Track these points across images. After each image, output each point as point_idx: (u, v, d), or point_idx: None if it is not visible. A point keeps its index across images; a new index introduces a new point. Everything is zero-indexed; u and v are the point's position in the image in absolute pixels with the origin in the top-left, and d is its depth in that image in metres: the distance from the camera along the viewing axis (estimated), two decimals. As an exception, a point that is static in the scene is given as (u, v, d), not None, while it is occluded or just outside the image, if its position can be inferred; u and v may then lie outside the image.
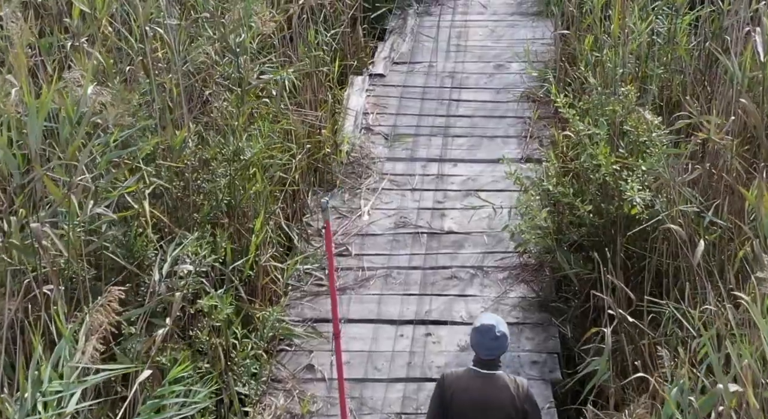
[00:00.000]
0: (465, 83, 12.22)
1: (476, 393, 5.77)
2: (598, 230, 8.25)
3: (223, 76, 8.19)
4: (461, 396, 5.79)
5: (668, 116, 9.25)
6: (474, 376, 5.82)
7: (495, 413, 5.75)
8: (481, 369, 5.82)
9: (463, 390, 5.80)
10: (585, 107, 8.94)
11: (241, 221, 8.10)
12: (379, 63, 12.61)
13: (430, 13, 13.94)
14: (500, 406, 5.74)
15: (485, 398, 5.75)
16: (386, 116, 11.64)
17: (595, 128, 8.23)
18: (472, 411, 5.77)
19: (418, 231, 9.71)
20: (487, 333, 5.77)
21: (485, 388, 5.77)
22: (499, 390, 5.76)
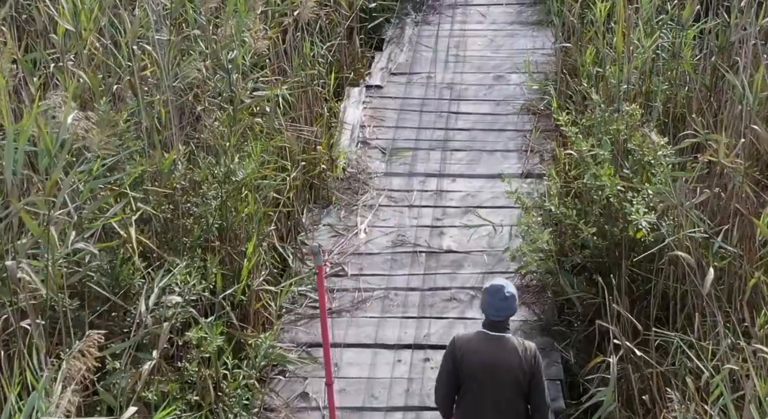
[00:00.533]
0: (464, 95, 11.91)
1: (486, 356, 5.90)
2: (602, 252, 7.94)
3: (214, 94, 7.87)
4: (471, 358, 5.91)
5: (673, 131, 8.95)
6: (484, 338, 5.95)
7: (504, 375, 5.87)
8: (491, 332, 5.96)
9: (473, 352, 5.93)
10: (588, 123, 8.64)
11: (233, 244, 7.78)
12: (376, 74, 12.30)
13: (428, 22, 13.63)
14: (509, 368, 5.86)
15: (494, 360, 5.88)
16: (383, 129, 11.33)
17: (598, 147, 7.92)
18: (482, 373, 5.89)
19: (417, 250, 9.40)
20: (497, 293, 5.91)
21: (495, 350, 5.90)
22: (508, 352, 5.89)
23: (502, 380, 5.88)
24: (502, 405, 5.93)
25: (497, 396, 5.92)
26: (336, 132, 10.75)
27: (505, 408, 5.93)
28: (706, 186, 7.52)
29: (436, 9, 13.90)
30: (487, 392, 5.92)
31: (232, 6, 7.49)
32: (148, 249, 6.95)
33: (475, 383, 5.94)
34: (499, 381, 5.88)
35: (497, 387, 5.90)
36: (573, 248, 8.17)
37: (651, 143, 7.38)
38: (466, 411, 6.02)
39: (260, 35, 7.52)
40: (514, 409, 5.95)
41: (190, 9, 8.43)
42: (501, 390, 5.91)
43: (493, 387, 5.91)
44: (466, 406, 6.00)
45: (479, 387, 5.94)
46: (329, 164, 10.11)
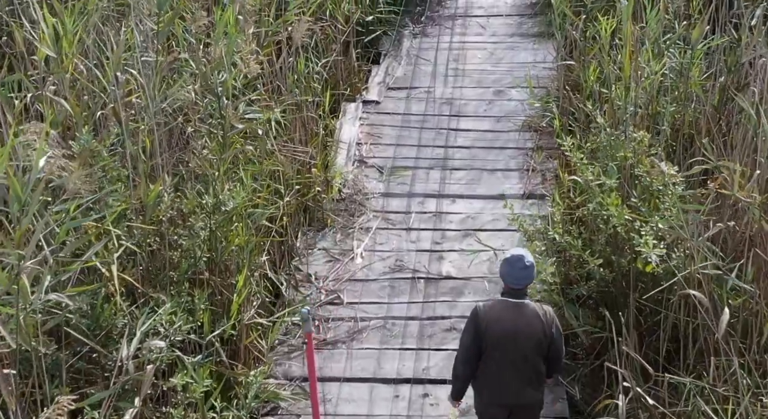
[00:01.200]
0: (463, 111, 11.51)
1: (508, 323, 6.13)
2: (609, 283, 7.55)
3: (203, 119, 7.46)
4: (495, 326, 6.13)
5: (681, 153, 8.57)
6: (505, 307, 6.18)
7: (526, 340, 6.12)
8: (511, 299, 6.18)
9: (496, 320, 6.14)
10: (592, 146, 8.25)
11: (223, 276, 7.38)
12: (373, 88, 11.90)
13: (426, 34, 13.22)
14: (531, 333, 6.12)
15: (517, 326, 6.12)
16: (381, 147, 10.93)
17: (604, 175, 7.53)
18: (506, 339, 6.12)
19: (415, 276, 9.00)
20: (516, 262, 6.14)
21: (516, 317, 6.14)
22: (530, 318, 6.14)
23: (524, 344, 6.13)
24: (522, 367, 6.18)
25: (518, 360, 6.16)
26: (332, 151, 10.35)
27: (526, 370, 6.19)
28: (718, 217, 7.12)
29: (435, 20, 13.50)
30: (509, 356, 6.15)
31: (222, 27, 7.08)
32: (132, 285, 6.55)
33: (497, 350, 6.16)
34: (521, 346, 6.13)
35: (519, 351, 6.15)
36: (578, 278, 7.77)
37: (660, 173, 6.98)
38: (489, 377, 6.24)
39: (251, 58, 7.10)
40: (533, 370, 6.22)
41: (180, 28, 8.05)
42: (522, 353, 6.15)
43: (515, 351, 6.15)
44: (488, 373, 6.22)
45: (502, 354, 6.16)
46: (325, 186, 9.71)
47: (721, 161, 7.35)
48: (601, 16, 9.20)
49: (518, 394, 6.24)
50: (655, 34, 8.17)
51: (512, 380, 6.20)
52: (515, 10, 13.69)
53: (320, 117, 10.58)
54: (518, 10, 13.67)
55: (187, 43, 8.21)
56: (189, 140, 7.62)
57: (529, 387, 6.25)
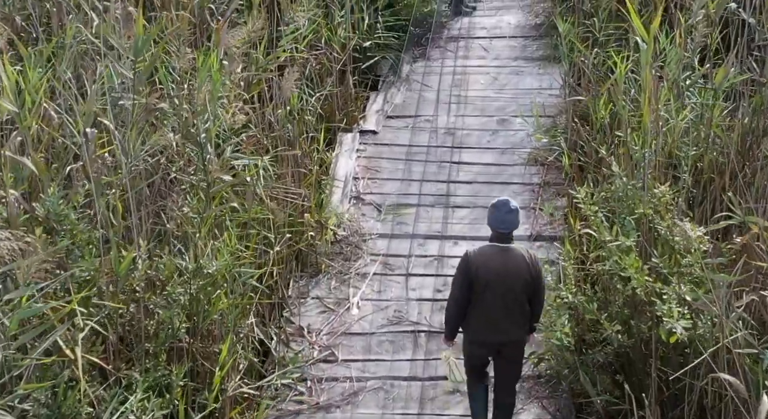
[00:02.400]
0: (466, 142, 10.78)
1: (497, 265, 6.50)
2: (627, 350, 6.84)
3: (184, 170, 6.75)
4: (484, 269, 6.49)
5: (702, 199, 7.87)
6: (494, 251, 6.58)
7: (514, 280, 6.49)
8: (499, 244, 6.58)
9: (485, 263, 6.51)
10: (607, 195, 7.55)
11: (206, 342, 6.67)
12: (371, 117, 11.17)
13: (427, 57, 12.46)
14: (518, 274, 6.49)
15: (505, 268, 6.49)
16: (379, 182, 10.20)
17: (622, 232, 6.83)
18: (495, 281, 6.47)
19: (416, 330, 8.30)
20: (502, 207, 6.59)
21: (505, 260, 6.51)
22: (517, 260, 6.53)
23: (512, 285, 6.49)
24: (511, 307, 6.54)
25: (506, 299, 6.52)
26: (326, 189, 9.63)
27: (513, 309, 6.55)
28: (746, 277, 6.42)
29: (436, 42, 12.75)
30: (498, 296, 6.51)
31: (205, 72, 6.36)
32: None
33: (488, 290, 6.51)
34: (509, 286, 6.49)
35: (508, 291, 6.51)
36: (594, 342, 7.07)
37: (684, 234, 6.28)
38: (478, 316, 6.61)
39: (236, 108, 6.39)
40: (520, 309, 6.58)
41: (162, 69, 7.34)
42: (510, 293, 6.51)
43: (504, 292, 6.50)
44: (479, 313, 6.59)
45: (491, 294, 6.52)
46: (319, 228, 9.00)
47: (748, 215, 6.68)
48: (614, 51, 8.48)
49: (507, 332, 6.61)
50: (674, 75, 7.44)
51: (501, 318, 6.57)
52: (519, 31, 12.96)
53: (315, 151, 9.89)
54: (522, 32, 12.94)
55: (170, 81, 7.52)
56: (168, 194, 6.90)
57: (516, 325, 6.62)
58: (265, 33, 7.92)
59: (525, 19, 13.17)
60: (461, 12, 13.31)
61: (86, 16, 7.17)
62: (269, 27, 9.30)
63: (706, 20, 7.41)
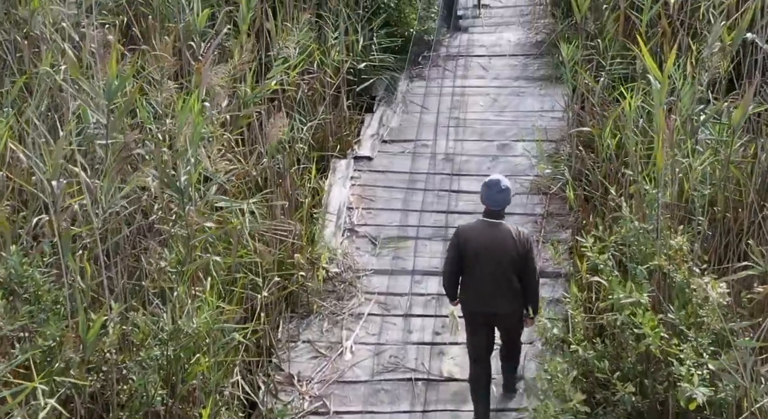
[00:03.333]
0: (465, 168, 10.24)
1: (486, 239, 6.74)
2: (643, 412, 6.30)
3: (164, 217, 6.20)
4: (473, 243, 6.75)
5: (715, 242, 7.34)
6: (484, 226, 6.83)
7: (501, 254, 6.69)
8: (490, 219, 6.81)
9: (474, 237, 6.78)
10: (616, 239, 7.01)
11: (186, 404, 6.12)
12: (366, 142, 10.62)
13: (424, 76, 11.93)
14: (505, 249, 6.70)
15: (493, 242, 6.71)
16: (373, 213, 9.66)
17: (633, 281, 6.30)
18: (483, 254, 6.71)
19: (412, 377, 7.76)
20: (494, 186, 6.79)
21: (493, 235, 6.74)
22: (505, 236, 6.74)
23: (499, 259, 6.70)
24: (499, 280, 6.76)
25: (495, 273, 6.73)
26: (318, 221, 9.08)
27: (501, 283, 6.75)
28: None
29: (434, 61, 12.21)
30: (486, 269, 6.74)
31: (185, 115, 5.81)
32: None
33: (476, 263, 6.75)
34: (497, 260, 6.71)
35: (495, 265, 6.72)
36: (605, 401, 6.52)
37: (703, 291, 5.75)
38: (469, 288, 6.88)
39: (218, 156, 5.85)
40: (508, 284, 6.76)
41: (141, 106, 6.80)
42: (498, 267, 6.72)
43: (492, 265, 6.72)
44: (468, 283, 6.86)
45: (480, 266, 6.75)
46: (310, 267, 8.45)
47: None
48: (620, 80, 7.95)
49: (495, 304, 6.83)
50: (687, 111, 6.89)
51: (489, 291, 6.79)
52: (519, 49, 12.41)
53: (308, 180, 9.36)
54: (522, 50, 12.39)
55: (151, 115, 6.98)
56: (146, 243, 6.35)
57: (504, 298, 6.80)
58: (254, 63, 7.37)
59: (525, 37, 12.63)
60: (458, 27, 12.77)
61: (60, 49, 6.61)
62: (258, 52, 8.78)
63: (721, 52, 6.87)
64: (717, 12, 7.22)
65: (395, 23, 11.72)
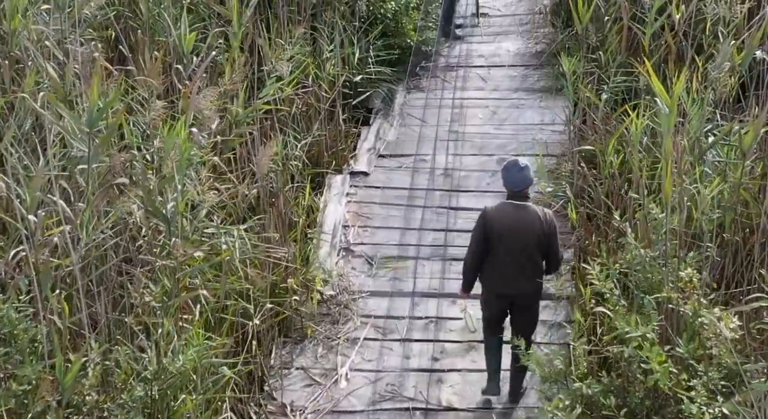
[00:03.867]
0: (464, 184, 9.93)
1: (511, 220, 6.84)
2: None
3: (150, 248, 5.89)
4: (499, 224, 6.84)
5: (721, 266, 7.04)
6: (509, 207, 6.94)
7: (527, 236, 6.79)
8: (515, 201, 6.91)
9: (500, 218, 6.87)
10: (622, 266, 6.71)
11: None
12: (362, 157, 10.31)
13: (421, 88, 11.61)
14: (531, 230, 6.80)
15: (518, 223, 6.81)
16: (370, 231, 9.36)
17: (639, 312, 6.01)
18: (508, 235, 6.80)
19: (410, 407, 7.45)
20: (513, 167, 6.92)
21: (518, 216, 6.85)
22: (531, 217, 6.85)
23: (525, 241, 6.80)
24: (523, 261, 6.85)
25: (520, 254, 6.83)
26: (313, 241, 8.78)
27: (526, 263, 6.86)
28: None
29: (431, 71, 11.89)
30: (511, 251, 6.83)
31: (172, 141, 5.50)
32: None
33: (501, 245, 6.84)
34: (522, 241, 6.80)
35: (521, 246, 6.81)
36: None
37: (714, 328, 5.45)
38: (493, 269, 6.93)
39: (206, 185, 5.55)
40: (533, 264, 6.88)
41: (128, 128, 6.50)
42: (524, 248, 6.82)
43: (517, 246, 6.81)
44: (492, 265, 6.92)
45: (505, 248, 6.84)
46: (304, 291, 8.14)
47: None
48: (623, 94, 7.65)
49: (518, 284, 6.90)
50: (696, 133, 6.59)
51: (513, 271, 6.87)
52: (519, 59, 12.09)
53: (302, 197, 9.06)
54: (522, 60, 12.07)
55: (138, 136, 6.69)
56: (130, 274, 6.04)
57: (528, 278, 6.90)
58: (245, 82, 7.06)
59: (525, 46, 12.31)
60: (457, 37, 12.46)
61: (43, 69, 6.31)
62: (251, 66, 8.49)
63: (730, 72, 6.57)
64: (726, 30, 6.91)
65: (392, 34, 11.40)
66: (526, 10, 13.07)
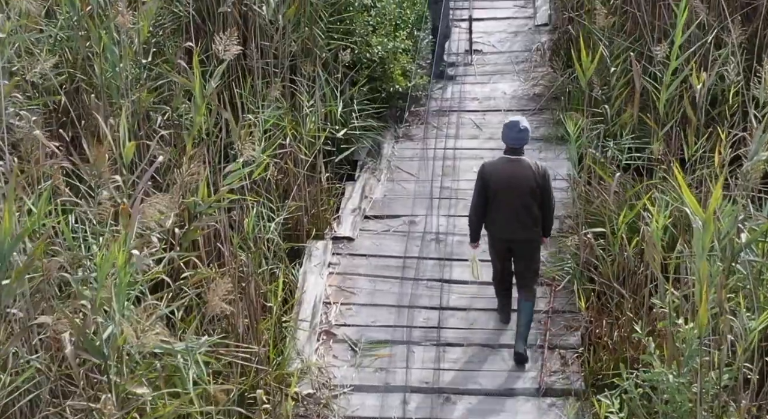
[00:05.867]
0: (457, 252, 8.83)
1: (507, 173, 7.35)
2: None
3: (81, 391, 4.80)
4: (495, 177, 7.38)
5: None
6: (505, 161, 7.43)
7: (521, 187, 7.33)
8: (510, 156, 7.41)
9: (497, 172, 7.40)
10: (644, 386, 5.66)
11: None
12: (346, 220, 9.23)
13: (411, 136, 10.54)
14: (525, 182, 7.35)
15: (513, 175, 7.33)
16: (354, 309, 8.28)
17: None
18: (505, 186, 7.35)
19: None
20: (514, 126, 7.40)
21: (513, 169, 7.35)
22: (524, 169, 7.36)
23: (521, 191, 7.31)
24: (519, 210, 7.38)
25: (516, 203, 7.36)
26: (289, 328, 7.70)
27: (521, 212, 7.38)
28: None
29: (421, 117, 10.83)
30: (508, 200, 7.37)
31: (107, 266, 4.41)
32: None
33: (499, 195, 7.37)
34: (518, 191, 7.32)
35: (516, 196, 7.34)
36: None
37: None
38: (493, 217, 7.49)
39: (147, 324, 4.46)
40: (529, 212, 7.39)
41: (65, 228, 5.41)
42: (519, 198, 7.34)
43: (513, 196, 7.34)
44: (493, 214, 7.47)
45: (502, 198, 7.36)
46: (278, 391, 7.07)
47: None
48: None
49: (514, 231, 7.46)
50: (730, 233, 5.51)
51: (510, 219, 7.43)
52: (516, 103, 10.98)
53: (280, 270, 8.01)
54: (519, 104, 10.96)
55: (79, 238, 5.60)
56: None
57: (523, 226, 7.44)
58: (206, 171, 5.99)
59: (521, 88, 11.21)
60: (449, 77, 11.38)
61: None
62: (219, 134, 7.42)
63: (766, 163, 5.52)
64: (760, 114, 5.86)
65: (379, 78, 10.33)
66: (522, 47, 11.99)
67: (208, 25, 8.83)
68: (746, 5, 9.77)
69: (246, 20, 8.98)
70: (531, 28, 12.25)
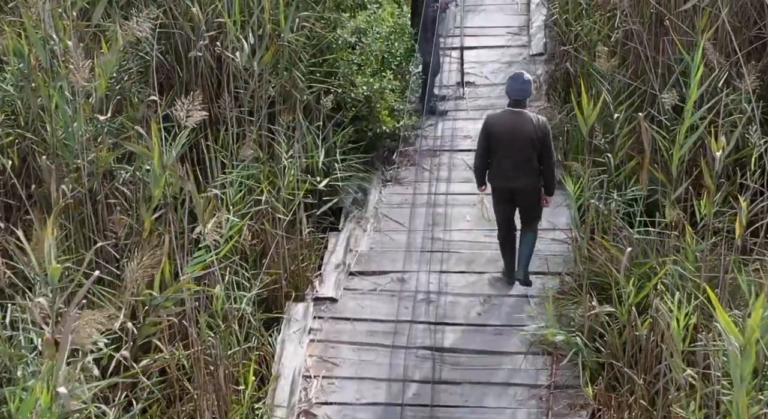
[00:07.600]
0: (451, 314, 8.01)
1: (508, 123, 7.75)
2: None
3: None
4: (498, 127, 7.78)
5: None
6: (508, 113, 7.82)
7: (521, 137, 7.69)
8: (513, 108, 7.76)
9: (499, 123, 7.80)
10: None
11: None
12: (329, 278, 8.38)
13: (399, 179, 9.73)
14: (525, 133, 7.69)
15: (514, 126, 7.71)
16: (338, 383, 7.43)
17: None
18: (506, 137, 7.73)
19: None
20: (517, 79, 7.76)
21: (515, 120, 7.72)
22: (525, 121, 7.70)
23: (521, 144, 7.69)
24: (519, 160, 7.73)
25: (517, 153, 7.72)
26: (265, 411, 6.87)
27: (521, 162, 7.73)
28: None
29: (410, 158, 10.01)
30: (509, 150, 7.73)
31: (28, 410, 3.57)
32: None
33: (501, 145, 7.76)
34: (518, 142, 7.70)
35: (517, 146, 7.70)
36: None
37: None
38: (495, 166, 7.87)
39: None
40: (529, 163, 7.73)
41: None
42: (520, 148, 7.70)
43: (514, 146, 7.71)
44: (495, 163, 7.85)
45: (504, 148, 7.75)
46: None
47: None
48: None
49: (515, 179, 7.75)
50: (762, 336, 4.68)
51: (510, 168, 7.72)
52: (511, 142, 10.16)
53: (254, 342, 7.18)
54: (515, 145, 10.13)
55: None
56: None
57: (524, 175, 7.73)
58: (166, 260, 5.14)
59: (517, 125, 10.38)
60: (441, 112, 10.56)
61: None
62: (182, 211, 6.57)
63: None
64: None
65: (365, 117, 9.50)
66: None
67: (177, 71, 7.98)
68: (755, 39, 9.01)
69: (220, 63, 8.15)
70: (526, 57, 11.44)
